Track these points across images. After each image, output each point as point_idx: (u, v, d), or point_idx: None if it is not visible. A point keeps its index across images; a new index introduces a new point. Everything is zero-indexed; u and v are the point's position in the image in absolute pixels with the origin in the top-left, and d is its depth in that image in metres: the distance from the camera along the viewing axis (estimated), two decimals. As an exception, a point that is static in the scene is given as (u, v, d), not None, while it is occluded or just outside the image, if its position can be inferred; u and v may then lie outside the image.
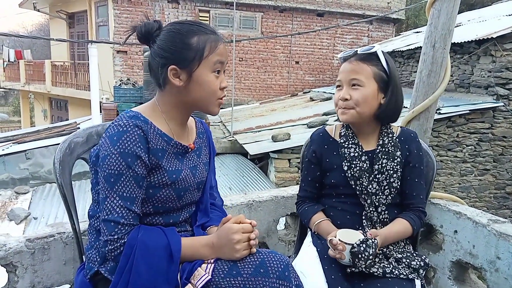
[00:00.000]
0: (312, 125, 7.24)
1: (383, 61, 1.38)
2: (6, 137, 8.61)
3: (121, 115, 1.10)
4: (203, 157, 1.27)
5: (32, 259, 1.39)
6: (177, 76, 1.10)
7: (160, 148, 1.10)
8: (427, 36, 1.84)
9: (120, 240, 1.03)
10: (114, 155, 1.03)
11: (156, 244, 1.04)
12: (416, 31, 12.10)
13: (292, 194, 1.94)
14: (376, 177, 1.40)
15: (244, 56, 12.69)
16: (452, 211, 1.83)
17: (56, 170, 1.24)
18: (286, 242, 1.98)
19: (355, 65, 1.38)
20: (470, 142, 6.89)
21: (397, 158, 1.41)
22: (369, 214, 1.40)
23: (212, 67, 1.12)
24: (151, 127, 1.09)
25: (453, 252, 1.82)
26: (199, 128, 1.30)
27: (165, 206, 1.14)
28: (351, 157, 1.42)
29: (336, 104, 1.44)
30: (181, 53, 1.09)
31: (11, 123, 26.04)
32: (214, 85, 1.12)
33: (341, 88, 1.41)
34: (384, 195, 1.40)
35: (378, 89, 1.38)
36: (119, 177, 1.04)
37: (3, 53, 18.42)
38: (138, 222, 1.08)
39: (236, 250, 1.07)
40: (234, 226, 1.09)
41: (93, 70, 6.75)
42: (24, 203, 5.80)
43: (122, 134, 1.04)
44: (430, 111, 1.87)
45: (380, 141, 1.43)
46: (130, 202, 1.05)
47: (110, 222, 1.03)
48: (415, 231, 1.42)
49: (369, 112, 1.39)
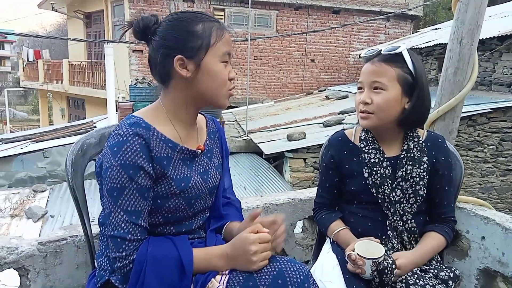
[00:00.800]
0: (328, 124, 7.14)
1: (409, 62, 1.28)
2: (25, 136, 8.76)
3: (121, 122, 1.04)
4: (215, 159, 1.20)
5: (44, 263, 1.36)
6: (184, 66, 1.03)
7: (165, 156, 1.03)
8: (453, 31, 1.75)
9: (128, 257, 0.98)
10: (115, 167, 0.97)
11: (167, 258, 0.99)
12: (435, 28, 11.84)
13: (310, 197, 1.88)
14: (399, 185, 1.31)
15: (259, 54, 12.63)
16: (479, 216, 1.74)
17: (68, 172, 1.20)
18: (303, 246, 1.92)
19: (378, 67, 1.28)
20: (492, 142, 6.69)
21: (424, 164, 1.32)
22: (393, 223, 1.32)
23: (221, 56, 1.05)
24: (154, 133, 1.01)
25: (480, 260, 1.73)
26: (210, 128, 1.23)
27: (176, 215, 1.08)
28: (371, 163, 1.33)
29: (357, 106, 1.35)
30: (186, 41, 1.02)
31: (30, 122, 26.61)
32: (223, 74, 1.05)
33: (363, 90, 1.32)
34: (409, 204, 1.32)
35: (402, 93, 1.28)
36: (122, 191, 0.98)
37: (23, 53, 18.78)
38: (146, 235, 1.02)
39: (253, 262, 1.01)
40: (250, 236, 1.02)
41: (109, 69, 6.79)
42: (42, 201, 5.87)
43: (122, 144, 0.97)
44: (456, 111, 1.78)
45: (405, 146, 1.34)
46: (136, 216, 0.99)
47: (116, 239, 0.98)
48: (449, 244, 1.34)
49: (391, 118, 1.30)
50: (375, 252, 1.19)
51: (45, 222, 5.28)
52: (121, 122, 1.04)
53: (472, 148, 6.63)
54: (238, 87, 12.47)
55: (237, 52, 12.25)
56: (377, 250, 1.19)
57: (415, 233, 1.33)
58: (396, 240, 1.31)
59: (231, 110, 10.97)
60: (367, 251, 1.19)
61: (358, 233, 1.36)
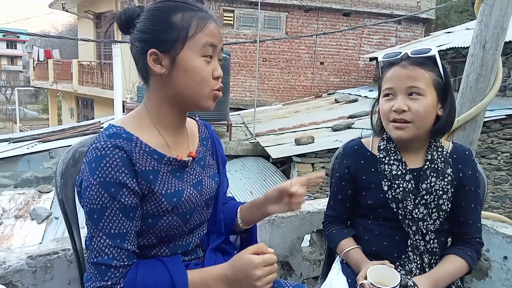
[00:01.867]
0: (337, 128, 7.01)
1: (440, 65, 1.18)
2: (32, 136, 8.76)
3: (100, 134, 0.92)
4: (209, 168, 1.08)
5: (34, 278, 1.28)
6: (158, 62, 0.92)
7: (151, 170, 0.92)
8: (475, 35, 1.63)
9: (115, 286, 0.87)
10: (94, 186, 0.86)
11: (159, 285, 0.89)
12: (447, 32, 11.64)
13: (319, 209, 1.77)
14: (423, 199, 1.19)
15: (268, 56, 12.54)
16: (501, 234, 1.63)
17: (58, 184, 1.11)
18: (311, 262, 1.81)
19: (412, 70, 1.17)
20: (506, 149, 6.50)
21: (448, 176, 1.20)
22: (415, 242, 1.20)
23: (201, 50, 0.92)
24: (137, 144, 0.90)
25: (502, 281, 1.61)
26: (203, 133, 1.11)
27: (170, 234, 0.98)
28: (392, 176, 1.21)
29: (386, 116, 1.21)
30: (161, 33, 0.91)
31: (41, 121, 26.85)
32: (203, 71, 0.93)
33: (393, 97, 1.20)
34: (432, 220, 1.20)
35: (437, 98, 1.19)
36: (103, 212, 0.87)
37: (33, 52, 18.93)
38: (134, 260, 0.92)
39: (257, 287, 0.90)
40: (254, 259, 0.90)
41: (117, 69, 6.74)
42: (47, 202, 5.84)
43: (101, 159, 0.86)
44: (477, 121, 1.66)
45: (428, 156, 1.23)
46: (121, 240, 0.88)
47: (100, 266, 0.87)
48: (473, 269, 1.22)
49: (427, 126, 1.20)
50: (389, 279, 1.07)
51: (49, 224, 5.24)
52: (99, 134, 0.92)
53: (486, 156, 6.45)
54: (247, 89, 12.38)
55: (245, 54, 12.17)
56: (392, 277, 1.08)
57: (437, 255, 1.21)
58: (416, 262, 1.19)
59: (239, 112, 10.90)
60: (381, 277, 1.08)
61: (372, 252, 1.24)
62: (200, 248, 1.08)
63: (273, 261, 0.92)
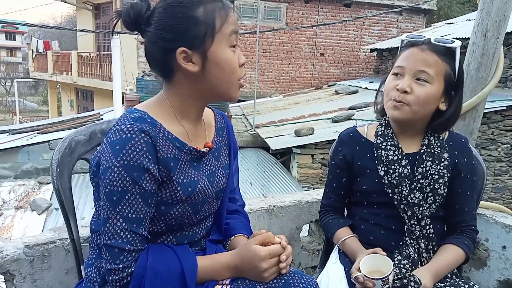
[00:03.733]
0: (337, 119, 7.00)
1: (458, 61, 1.17)
2: (32, 127, 8.76)
3: (124, 116, 0.91)
4: (223, 159, 1.08)
5: (31, 267, 1.27)
6: (188, 60, 0.90)
7: (172, 157, 0.92)
8: (477, 23, 1.61)
9: (126, 270, 0.87)
10: (116, 168, 0.86)
11: (169, 272, 0.89)
12: (449, 22, 11.55)
13: (317, 199, 1.76)
14: (419, 183, 1.19)
15: (268, 47, 12.47)
16: (500, 224, 1.62)
17: (53, 172, 1.10)
18: (309, 251, 1.81)
19: (429, 55, 1.16)
20: (506, 140, 6.51)
21: (444, 161, 1.20)
22: (410, 227, 1.20)
23: (228, 40, 0.92)
24: (161, 130, 0.90)
25: (500, 271, 1.61)
26: (219, 123, 1.10)
27: (180, 223, 0.98)
28: (388, 161, 1.21)
29: (388, 93, 1.21)
30: (188, 30, 0.88)
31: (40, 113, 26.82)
32: (234, 62, 0.93)
33: (401, 77, 1.19)
34: (428, 204, 1.20)
35: (443, 91, 1.18)
36: (123, 195, 0.87)
37: (32, 43, 18.83)
38: (145, 245, 0.92)
39: (263, 278, 0.92)
40: (261, 251, 0.91)
41: (116, 60, 6.69)
42: (47, 193, 5.84)
43: (126, 142, 0.86)
44: (478, 110, 1.65)
45: (425, 141, 1.23)
46: (137, 225, 0.88)
47: (113, 249, 0.87)
48: (469, 258, 1.22)
49: (424, 114, 1.19)
50: (382, 267, 1.08)
51: (49, 215, 5.25)
52: (123, 116, 0.92)
53: (486, 147, 6.45)
54: (247, 80, 12.31)
55: (245, 45, 12.10)
56: (385, 264, 1.08)
57: (433, 240, 1.21)
58: (413, 248, 1.19)
59: (239, 104, 10.87)
60: (373, 266, 1.08)
61: (369, 241, 1.24)
62: (205, 240, 1.08)
63: (278, 252, 0.94)
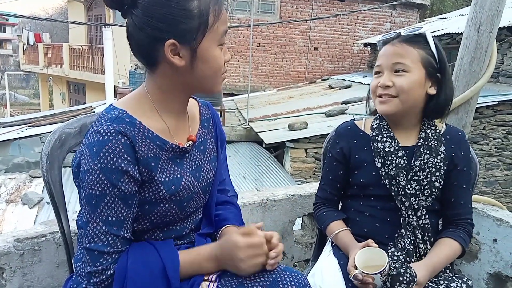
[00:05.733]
0: (330, 113, 7.00)
1: (432, 44, 1.18)
2: (23, 120, 8.66)
3: (101, 116, 0.88)
4: (209, 152, 1.05)
5: (21, 261, 1.26)
6: (176, 52, 0.87)
7: (152, 157, 0.89)
8: (470, 17, 1.61)
9: (106, 272, 0.86)
10: (94, 171, 0.83)
11: (151, 270, 0.88)
12: (442, 17, 11.59)
13: (311, 193, 1.76)
14: (416, 175, 1.20)
15: (261, 41, 12.40)
16: (491, 217, 1.64)
17: (43, 165, 1.08)
18: (302, 245, 1.81)
19: (399, 47, 1.18)
20: (498, 135, 6.55)
21: (441, 154, 1.21)
22: (407, 218, 1.21)
23: (219, 39, 0.90)
24: (140, 129, 0.87)
25: (491, 263, 1.62)
26: (204, 114, 1.07)
27: (166, 220, 0.96)
28: (385, 153, 1.22)
29: (374, 92, 1.24)
30: (180, 22, 0.85)
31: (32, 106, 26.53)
32: (221, 60, 0.92)
33: (381, 74, 1.21)
34: (424, 196, 1.20)
35: (425, 75, 1.19)
36: (101, 199, 0.84)
37: (23, 36, 18.56)
38: (128, 245, 0.90)
39: (241, 269, 0.91)
40: (239, 241, 0.91)
41: (108, 53, 6.62)
42: (38, 187, 5.79)
43: (103, 145, 0.83)
44: (470, 104, 1.65)
45: (422, 134, 1.23)
46: (118, 227, 0.86)
47: (93, 252, 0.86)
48: (465, 252, 1.22)
49: (414, 102, 1.20)
50: (377, 259, 1.08)
51: (41, 209, 5.21)
52: (101, 116, 0.88)
53: (478, 141, 6.50)
54: (240, 74, 12.28)
55: (239, 39, 12.03)
56: (379, 256, 1.09)
57: (429, 232, 1.22)
58: (409, 239, 1.20)
59: (232, 98, 10.83)
60: (368, 260, 1.09)
61: (364, 234, 1.25)
62: (194, 233, 1.07)
63: (259, 245, 0.92)
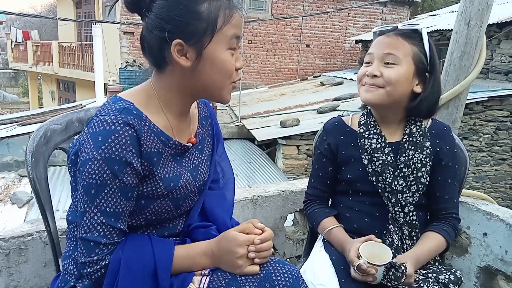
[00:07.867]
0: (322, 110, 7.02)
1: (426, 42, 1.18)
2: (11, 119, 8.54)
3: (107, 106, 0.87)
4: (206, 150, 1.06)
5: (7, 261, 1.24)
6: (183, 53, 0.87)
7: (155, 151, 0.89)
8: (460, 12, 1.61)
9: (100, 262, 0.86)
10: (97, 160, 0.82)
11: (143, 269, 0.87)
12: (432, 14, 11.66)
13: (302, 189, 1.76)
14: (402, 171, 1.20)
15: (253, 38, 12.37)
16: (481, 211, 1.64)
17: (28, 162, 1.06)
18: (294, 241, 1.81)
19: (394, 39, 1.18)
20: (487, 131, 6.62)
21: (426, 149, 1.21)
22: (394, 215, 1.21)
23: (228, 42, 0.89)
24: (146, 123, 0.87)
25: (481, 257, 1.63)
26: (202, 112, 1.08)
27: (160, 217, 0.96)
28: (372, 149, 1.22)
29: (360, 80, 1.23)
30: (188, 24, 0.85)
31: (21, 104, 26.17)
32: (230, 64, 0.91)
33: (370, 64, 1.21)
34: (411, 192, 1.20)
35: (414, 72, 1.18)
36: (101, 189, 0.84)
37: (11, 33, 18.30)
38: (123, 237, 0.90)
39: (238, 266, 0.90)
40: (239, 237, 0.90)
41: (97, 50, 6.55)
42: (27, 186, 5.70)
43: (109, 135, 0.82)
44: (460, 99, 1.66)
45: (407, 130, 1.23)
46: (115, 219, 0.86)
47: (89, 242, 0.85)
48: (450, 245, 1.23)
49: (399, 97, 1.19)
50: (381, 254, 1.08)
51: (30, 208, 5.13)
52: (106, 106, 0.87)
53: (468, 137, 6.56)
54: (232, 71, 12.23)
55: (231, 36, 11.98)
56: (383, 251, 1.08)
57: (416, 227, 1.22)
58: (397, 235, 1.20)
59: (224, 95, 10.78)
60: (371, 254, 1.08)
61: (353, 229, 1.25)
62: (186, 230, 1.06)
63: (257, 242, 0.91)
